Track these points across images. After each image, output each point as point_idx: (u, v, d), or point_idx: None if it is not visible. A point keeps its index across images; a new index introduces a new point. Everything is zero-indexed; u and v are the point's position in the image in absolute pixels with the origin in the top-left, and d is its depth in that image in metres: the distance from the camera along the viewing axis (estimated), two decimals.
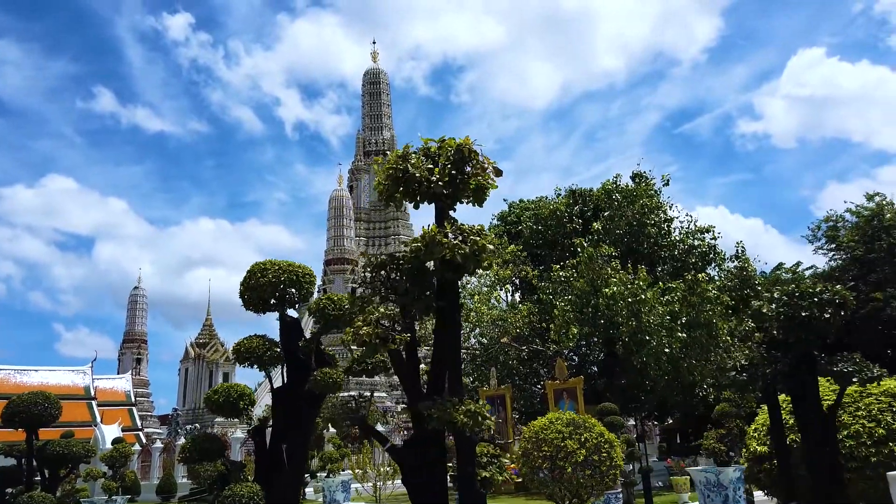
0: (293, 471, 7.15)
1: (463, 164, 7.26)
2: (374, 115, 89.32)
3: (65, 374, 53.11)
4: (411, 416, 7.73)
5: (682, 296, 23.77)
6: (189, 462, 7.33)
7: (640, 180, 30.32)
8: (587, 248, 24.77)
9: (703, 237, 28.55)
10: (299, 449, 7.36)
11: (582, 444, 9.71)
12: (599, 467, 9.95)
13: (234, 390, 7.47)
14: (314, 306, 7.93)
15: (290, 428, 7.33)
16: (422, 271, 7.42)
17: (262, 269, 7.59)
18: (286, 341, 7.73)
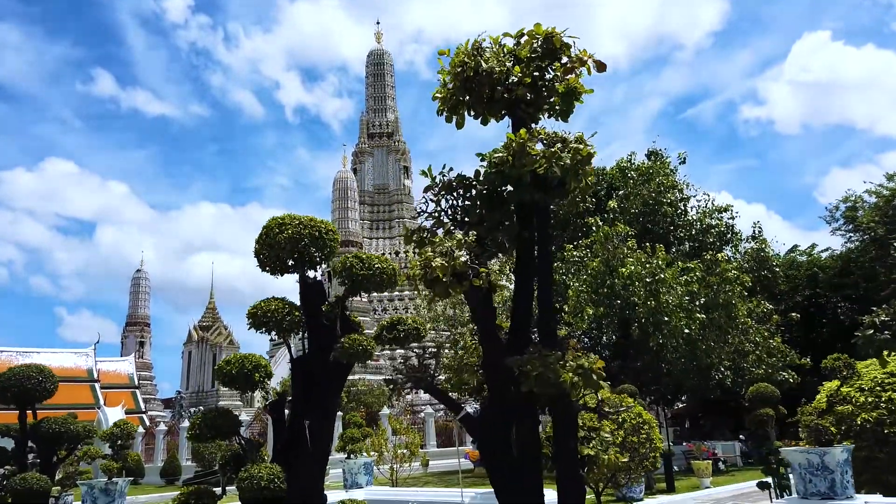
0: (317, 451, 6.44)
1: (552, 59, 5.88)
2: (378, 96, 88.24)
3: (67, 357, 52.69)
4: (487, 378, 6.64)
5: (700, 276, 23.08)
6: (199, 440, 6.68)
7: (655, 158, 29.53)
8: (602, 227, 24.03)
9: (720, 217, 27.83)
10: (324, 426, 6.65)
11: (619, 424, 9.11)
12: (638, 450, 9.34)
13: (249, 361, 6.77)
14: (339, 266, 7.17)
15: (312, 402, 6.60)
16: (499, 195, 6.03)
17: (280, 225, 6.81)
18: (307, 305, 6.99)
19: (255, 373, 6.72)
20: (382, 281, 7.06)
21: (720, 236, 27.29)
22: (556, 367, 5.28)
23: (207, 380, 64.93)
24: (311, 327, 6.86)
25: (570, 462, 5.91)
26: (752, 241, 29.50)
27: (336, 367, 6.73)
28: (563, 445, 5.87)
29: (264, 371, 6.86)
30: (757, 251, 29.28)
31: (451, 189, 6.24)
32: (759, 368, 24.90)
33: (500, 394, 6.20)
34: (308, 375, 6.74)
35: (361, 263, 7.05)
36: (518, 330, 6.29)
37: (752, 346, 25.21)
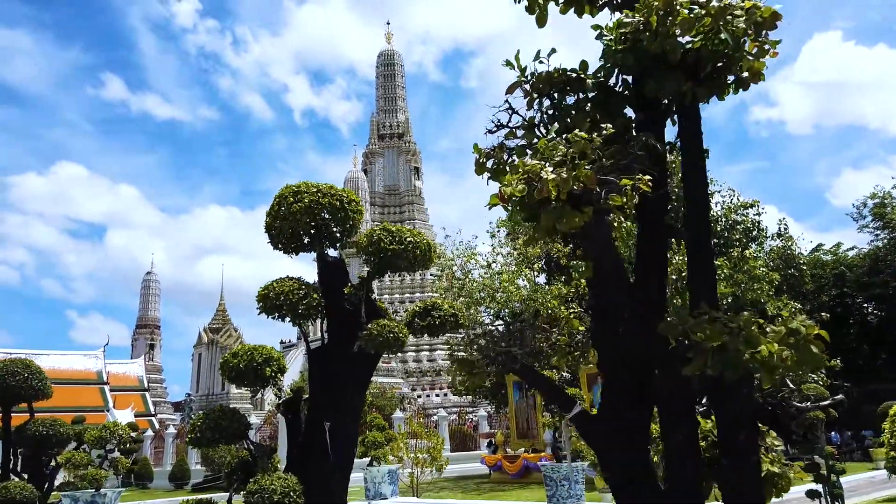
0: (339, 457, 5.59)
1: None
2: (389, 97, 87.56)
3: (76, 359, 52.22)
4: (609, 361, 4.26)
5: (728, 273, 22.09)
6: (201, 444, 5.86)
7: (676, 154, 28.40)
8: (625, 223, 23.08)
9: (745, 213, 26.81)
10: (347, 428, 5.78)
11: None
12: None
13: (259, 353, 5.92)
14: (364, 241, 6.30)
15: (332, 400, 5.77)
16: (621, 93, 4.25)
17: (296, 193, 5.83)
18: (327, 287, 6.14)
19: (267, 367, 5.87)
20: (415, 257, 6.23)
21: (746, 233, 26.28)
22: (752, 332, 3.43)
23: (217, 382, 64.19)
24: (331, 313, 6.02)
25: (753, 487, 3.80)
26: (778, 239, 28.48)
27: (361, 358, 5.90)
28: (742, 461, 3.78)
29: (277, 365, 6.02)
30: (783, 249, 28.24)
31: (550, 84, 4.22)
32: None
33: (639, 383, 4.03)
34: (328, 369, 5.89)
35: (391, 237, 6.19)
36: (647, 286, 4.20)
37: None
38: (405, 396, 51.14)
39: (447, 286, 30.40)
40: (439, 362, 61.77)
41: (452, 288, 30.10)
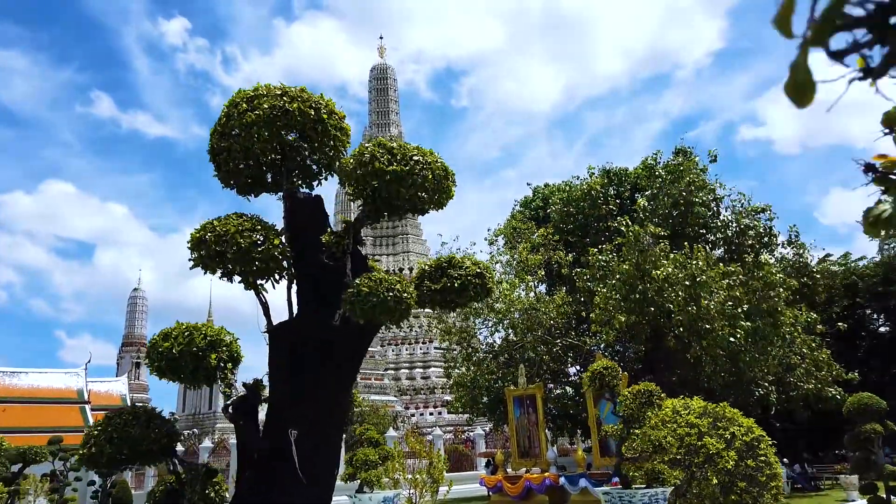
0: (312, 480, 4.07)
1: None
2: (382, 111, 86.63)
3: (57, 377, 50.21)
4: None
5: (743, 280, 20.81)
6: (99, 465, 4.43)
7: (684, 156, 27.45)
8: (633, 227, 21.80)
9: (757, 218, 25.67)
10: (325, 438, 4.22)
11: (728, 442, 6.81)
12: (757, 476, 7.00)
13: (202, 334, 4.32)
14: (351, 163, 4.62)
15: (305, 398, 4.23)
16: None
17: (252, 99, 4.14)
18: (296, 234, 4.62)
19: (212, 353, 4.32)
20: (426, 187, 4.53)
21: (758, 238, 25.12)
22: None
23: (205, 402, 62.29)
24: (302, 270, 4.47)
25: None
26: (789, 247, 27.33)
27: (346, 334, 4.36)
28: None
29: (227, 352, 4.47)
30: (795, 257, 27.06)
31: None
32: (809, 383, 22.51)
33: None
34: (297, 352, 4.35)
35: (390, 155, 4.39)
36: None
37: (798, 358, 22.84)
38: (398, 415, 49.41)
39: None
40: (433, 379, 60.11)
41: None
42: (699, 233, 25.61)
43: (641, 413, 5.83)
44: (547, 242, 27.35)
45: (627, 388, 20.72)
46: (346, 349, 4.60)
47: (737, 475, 6.24)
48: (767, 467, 6.37)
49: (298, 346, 4.51)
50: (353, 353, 4.72)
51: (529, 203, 33.69)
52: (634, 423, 6.16)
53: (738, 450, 6.30)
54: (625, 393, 6.02)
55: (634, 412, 5.99)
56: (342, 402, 4.66)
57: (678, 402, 7.00)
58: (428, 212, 5.27)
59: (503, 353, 28.19)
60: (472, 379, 27.79)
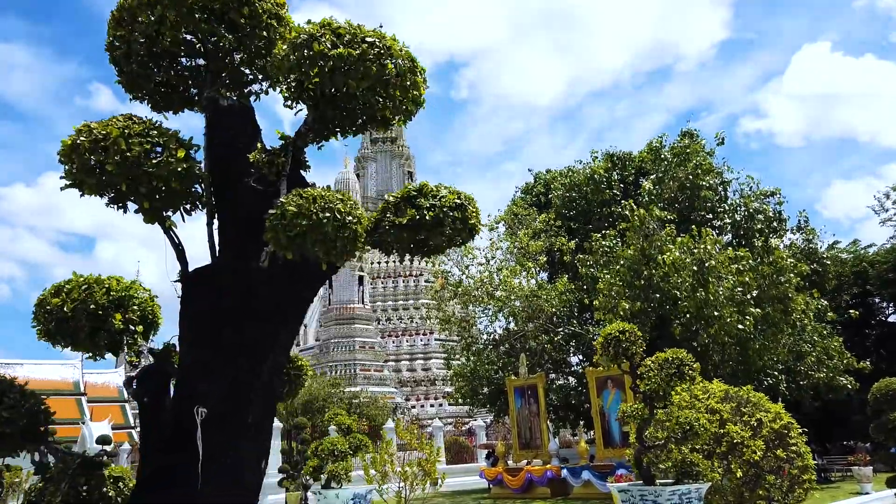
0: (226, 475, 3.24)
1: None
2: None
3: (53, 369, 49.61)
4: None
5: (752, 265, 20.02)
6: None
7: (690, 139, 26.62)
8: (638, 211, 21.01)
9: (766, 201, 24.88)
10: (251, 420, 3.39)
11: (754, 430, 6.00)
12: (789, 469, 6.18)
13: (103, 288, 3.43)
14: (284, 52, 3.59)
15: (218, 369, 3.38)
16: None
17: None
18: (220, 155, 3.75)
19: (116, 312, 3.53)
20: (383, 76, 3.53)
21: (768, 223, 24.34)
22: None
23: None
24: (225, 198, 3.65)
25: None
26: (799, 233, 26.54)
27: (274, 281, 3.50)
28: None
29: (139, 311, 3.69)
30: (806, 242, 26.27)
31: None
32: (820, 372, 21.76)
33: None
34: (213, 309, 3.52)
35: (335, 37, 3.35)
36: None
37: (809, 346, 22.08)
38: (398, 406, 48.80)
39: (441, 287, 28.27)
40: (434, 371, 59.48)
41: (447, 288, 27.96)
42: (706, 218, 24.82)
43: (669, 388, 4.89)
44: (549, 228, 26.60)
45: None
46: (275, 301, 3.69)
47: (764, 467, 5.49)
48: (799, 458, 5.61)
49: (214, 300, 3.65)
50: (287, 307, 3.81)
51: (531, 189, 32.89)
52: (659, 402, 5.17)
53: (765, 438, 5.54)
54: (647, 363, 5.09)
55: (659, 387, 4.99)
56: (271, 374, 3.77)
57: (696, 387, 6.25)
58: (391, 122, 4.30)
59: (504, 342, 27.48)
60: (472, 369, 27.11)
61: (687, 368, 4.86)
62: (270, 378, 3.79)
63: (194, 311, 3.68)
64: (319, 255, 3.57)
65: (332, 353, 51.77)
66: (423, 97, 4.03)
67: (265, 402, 3.78)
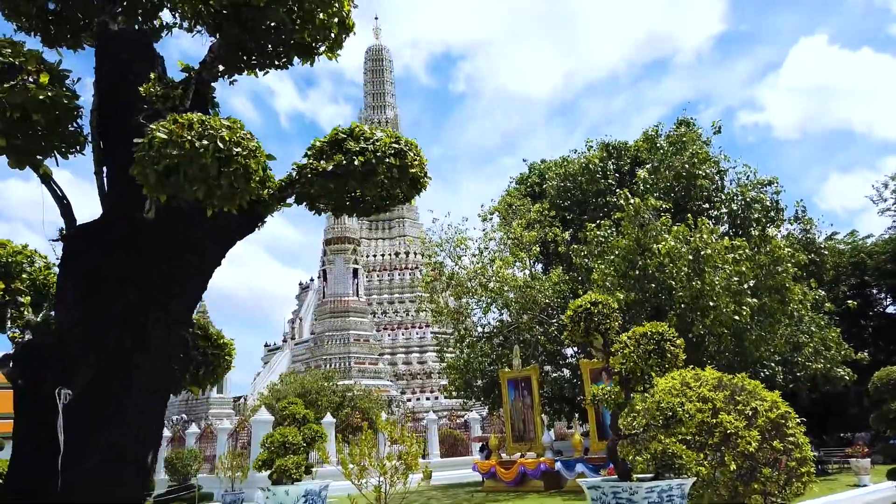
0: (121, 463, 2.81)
1: None
2: (377, 93, 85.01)
3: None
4: None
5: (749, 255, 19.69)
6: None
7: (686, 128, 26.23)
8: (633, 200, 20.64)
9: (764, 191, 24.52)
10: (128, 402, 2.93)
11: (749, 419, 5.60)
12: (786, 461, 5.80)
13: None
14: None
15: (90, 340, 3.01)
16: None
17: None
18: (109, 89, 3.31)
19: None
20: None
21: (765, 212, 23.98)
22: None
23: None
24: (113, 141, 3.19)
25: None
26: (796, 223, 26.22)
27: (158, 234, 3.01)
28: None
29: (29, 280, 3.28)
30: (803, 232, 25.94)
31: None
32: (817, 363, 21.46)
33: None
34: (96, 268, 3.08)
35: None
36: None
37: (806, 337, 21.77)
38: (393, 399, 48.51)
39: (433, 278, 27.89)
40: (430, 364, 59.18)
41: (440, 278, 27.59)
42: (702, 207, 24.47)
43: (647, 367, 4.38)
44: (543, 219, 26.21)
45: None
46: (166, 262, 3.22)
47: (760, 459, 5.13)
48: (797, 449, 5.26)
49: (95, 260, 3.17)
50: (183, 270, 3.31)
51: (525, 179, 32.48)
52: (636, 384, 4.67)
53: (760, 429, 5.18)
54: (622, 339, 4.57)
55: (637, 366, 4.48)
56: (164, 350, 3.30)
57: (688, 373, 5.88)
58: (316, 52, 3.83)
59: (497, 334, 27.15)
60: (465, 362, 26.77)
61: (668, 344, 4.31)
62: (162, 355, 3.34)
63: (72, 274, 3.21)
64: (199, 196, 2.90)
65: (326, 346, 51.43)
66: (350, 15, 3.55)
67: (152, 381, 3.31)
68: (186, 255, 3.22)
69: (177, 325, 3.42)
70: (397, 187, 3.56)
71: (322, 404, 33.42)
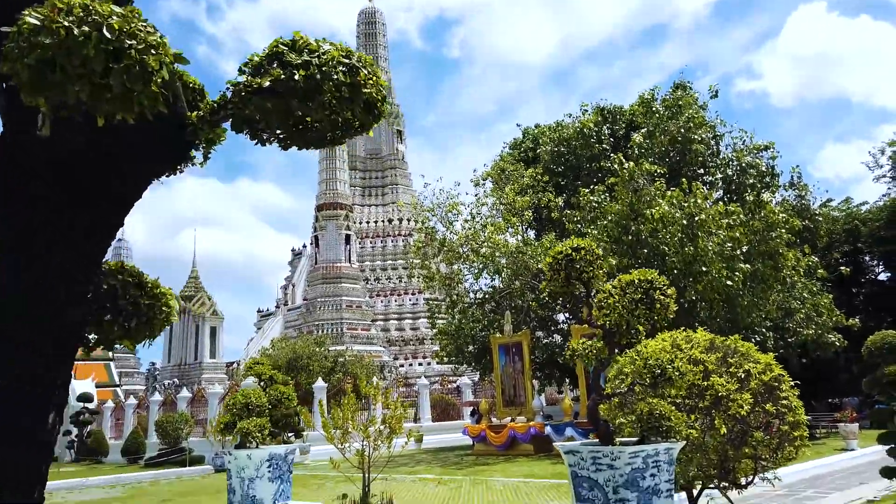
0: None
1: None
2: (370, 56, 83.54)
3: None
4: None
5: (743, 220, 19.46)
6: None
7: (683, 91, 25.75)
8: (627, 164, 20.30)
9: (759, 156, 24.19)
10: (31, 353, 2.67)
11: (742, 382, 5.39)
12: (779, 425, 5.61)
13: None
14: None
15: None
16: None
17: None
18: None
19: None
20: None
21: (760, 178, 23.70)
22: None
23: (190, 352, 61.37)
24: None
25: None
26: (791, 189, 25.94)
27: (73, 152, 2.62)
28: None
29: None
30: (798, 199, 25.70)
31: None
32: (809, 329, 21.43)
33: None
34: None
35: None
36: None
37: (798, 303, 21.70)
38: (385, 365, 48.67)
39: (425, 243, 27.62)
40: (423, 330, 59.29)
41: (431, 244, 27.33)
42: (697, 172, 24.16)
43: (634, 320, 4.03)
44: (536, 184, 25.87)
45: None
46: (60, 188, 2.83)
47: (752, 423, 4.95)
48: (790, 413, 5.09)
49: None
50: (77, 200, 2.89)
51: (519, 144, 32.00)
52: (622, 338, 4.32)
53: (753, 391, 4.99)
54: (606, 288, 4.22)
55: (622, 318, 4.11)
56: (63, 298, 2.97)
57: (679, 334, 5.67)
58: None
59: (489, 300, 27.02)
60: (456, 327, 26.68)
61: (658, 293, 3.98)
62: (59, 305, 3.03)
63: None
64: (83, 97, 2.42)
65: (318, 312, 51.37)
66: None
67: (49, 331, 3.02)
68: (95, 186, 2.86)
69: (82, 266, 3.10)
70: (348, 110, 3.19)
71: (314, 369, 33.44)
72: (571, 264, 4.21)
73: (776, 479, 5.41)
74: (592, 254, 4.19)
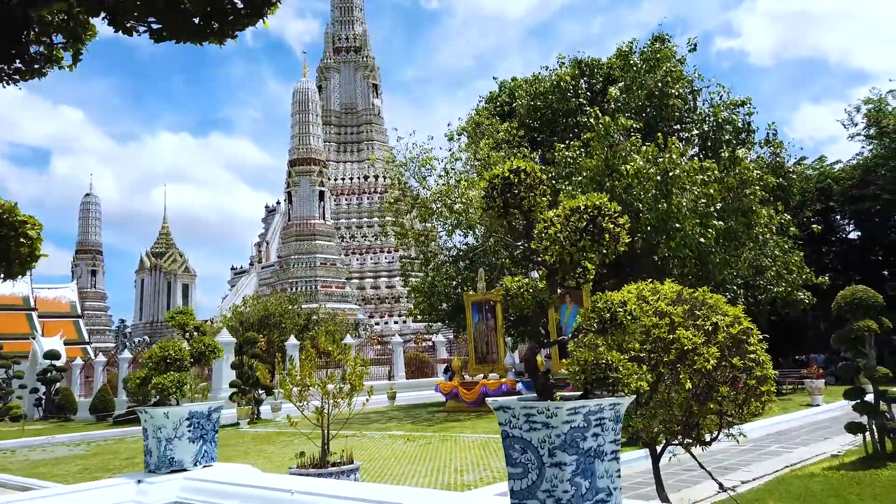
0: None
1: None
2: (345, 6, 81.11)
3: (2, 284, 48.00)
4: None
5: (718, 176, 19.28)
6: None
7: (661, 44, 25.22)
8: (603, 119, 19.90)
9: (736, 111, 23.93)
10: None
11: (709, 335, 5.14)
12: (745, 380, 5.41)
13: None
14: None
15: None
16: None
17: None
18: None
19: None
20: None
21: (736, 134, 23.48)
22: None
23: (162, 309, 60.74)
24: None
25: None
26: (767, 146, 25.80)
27: None
28: None
29: None
30: (772, 156, 25.59)
31: None
32: (779, 286, 21.55)
33: None
34: None
35: None
36: None
37: (769, 260, 21.76)
38: (360, 322, 48.53)
39: (398, 196, 27.13)
40: (398, 289, 59.14)
41: (404, 199, 26.85)
42: (673, 128, 23.85)
43: (580, 254, 3.53)
44: (511, 139, 25.39)
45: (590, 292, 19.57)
46: None
47: (718, 378, 4.73)
48: (758, 367, 4.89)
49: None
50: None
51: (495, 98, 31.33)
52: (565, 276, 3.87)
53: (720, 345, 4.76)
54: (548, 216, 3.79)
55: (565, 250, 3.61)
56: None
57: (645, 286, 5.42)
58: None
59: (463, 257, 26.76)
60: (430, 285, 26.44)
61: (607, 221, 3.51)
62: None
63: None
64: None
65: (292, 270, 50.84)
66: None
67: None
68: None
69: None
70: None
71: (286, 327, 33.15)
72: (510, 189, 3.79)
73: (741, 436, 5.27)
74: (535, 178, 3.77)
